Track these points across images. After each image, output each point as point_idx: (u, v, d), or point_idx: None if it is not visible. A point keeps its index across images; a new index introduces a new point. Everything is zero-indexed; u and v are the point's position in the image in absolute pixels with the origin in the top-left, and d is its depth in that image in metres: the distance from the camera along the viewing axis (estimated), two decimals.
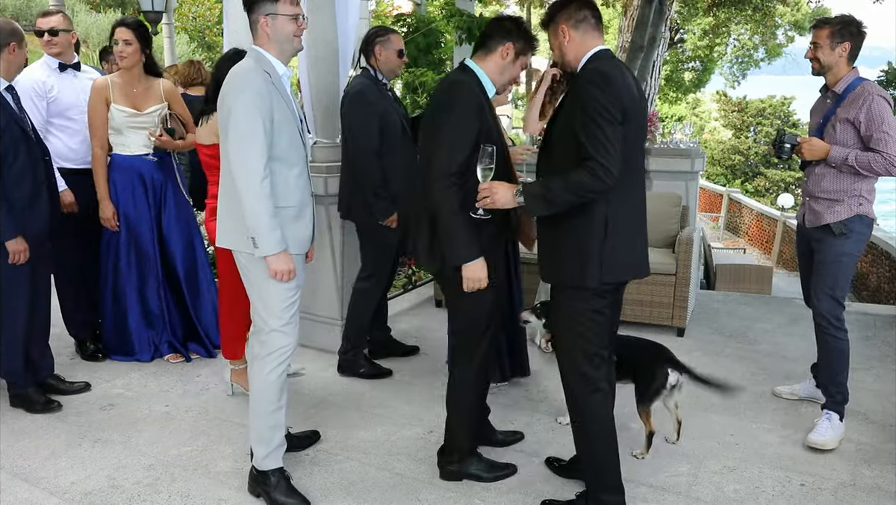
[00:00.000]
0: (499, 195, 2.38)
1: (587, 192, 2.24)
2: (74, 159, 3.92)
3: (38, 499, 2.73)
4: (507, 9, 17.76)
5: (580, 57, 2.40)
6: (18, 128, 3.23)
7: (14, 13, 14.42)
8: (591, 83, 2.26)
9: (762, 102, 25.50)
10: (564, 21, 2.41)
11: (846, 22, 3.10)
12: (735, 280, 9.81)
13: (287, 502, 2.64)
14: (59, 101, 3.84)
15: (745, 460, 3.01)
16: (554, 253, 2.44)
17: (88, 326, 4.16)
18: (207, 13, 16.29)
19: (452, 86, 2.58)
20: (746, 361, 4.17)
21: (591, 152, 2.20)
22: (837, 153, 3.07)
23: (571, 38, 2.40)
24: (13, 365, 3.41)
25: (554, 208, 2.32)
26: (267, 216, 2.46)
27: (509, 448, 3.08)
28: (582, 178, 2.22)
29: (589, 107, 2.22)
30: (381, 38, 3.65)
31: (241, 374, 3.55)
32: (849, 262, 3.15)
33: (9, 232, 3.19)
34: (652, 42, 11.60)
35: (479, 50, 2.61)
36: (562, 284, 2.46)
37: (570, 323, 2.44)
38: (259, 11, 2.55)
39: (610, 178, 2.20)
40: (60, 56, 3.87)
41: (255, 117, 2.43)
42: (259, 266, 2.56)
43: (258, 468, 2.70)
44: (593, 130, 2.21)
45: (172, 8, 10.20)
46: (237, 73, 2.53)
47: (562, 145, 2.36)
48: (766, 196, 23.16)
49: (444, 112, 2.51)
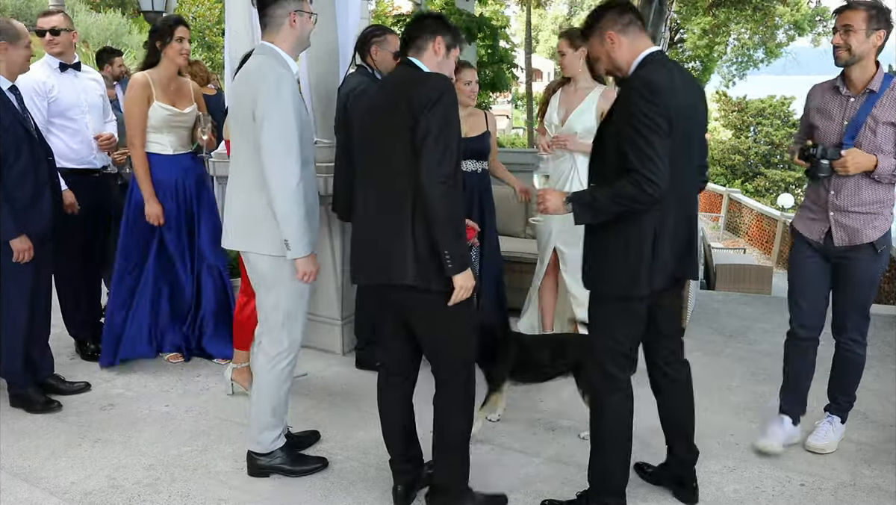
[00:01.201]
0: (550, 202, 2.43)
1: (633, 203, 2.24)
2: (75, 159, 3.90)
3: (38, 499, 2.73)
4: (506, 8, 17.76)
5: (631, 61, 2.38)
6: (21, 128, 3.23)
7: (14, 13, 14.41)
8: (638, 94, 2.24)
9: (762, 102, 25.50)
10: (611, 27, 2.38)
11: (883, 8, 2.67)
12: (735, 280, 9.82)
13: (307, 466, 2.84)
14: (59, 101, 3.83)
15: (745, 460, 3.01)
16: (600, 262, 2.43)
17: (89, 326, 4.15)
18: (207, 13, 16.29)
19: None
20: (746, 361, 4.17)
21: (635, 164, 2.20)
22: (886, 164, 2.69)
23: (620, 43, 2.38)
24: (13, 365, 3.41)
25: (600, 217, 2.33)
26: (302, 218, 2.51)
27: (509, 448, 3.09)
28: (627, 189, 2.22)
29: (635, 118, 2.21)
30: (377, 39, 3.64)
31: (243, 372, 3.56)
32: (879, 277, 2.92)
33: (11, 231, 3.19)
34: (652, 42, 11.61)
35: (410, 50, 2.46)
36: (604, 294, 2.44)
37: (603, 323, 2.46)
38: (287, 7, 2.55)
39: (656, 191, 2.19)
40: (62, 56, 3.86)
41: (291, 120, 2.46)
42: (283, 268, 2.60)
43: (262, 452, 2.82)
44: (639, 142, 2.20)
45: (172, 8, 10.17)
46: (267, 72, 2.51)
47: (612, 153, 2.35)
48: (766, 196, 23.17)
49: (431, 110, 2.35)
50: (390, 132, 2.32)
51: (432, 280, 2.31)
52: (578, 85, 3.77)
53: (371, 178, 2.43)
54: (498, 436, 3.21)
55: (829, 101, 2.85)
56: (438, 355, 2.48)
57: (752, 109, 25.44)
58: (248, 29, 4.24)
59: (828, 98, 2.86)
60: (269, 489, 2.80)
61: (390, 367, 2.60)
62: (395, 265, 2.32)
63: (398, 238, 2.31)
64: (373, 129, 2.42)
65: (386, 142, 2.35)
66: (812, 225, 2.92)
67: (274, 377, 2.75)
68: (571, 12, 28.34)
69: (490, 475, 2.85)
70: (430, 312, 2.39)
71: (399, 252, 2.31)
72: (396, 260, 2.32)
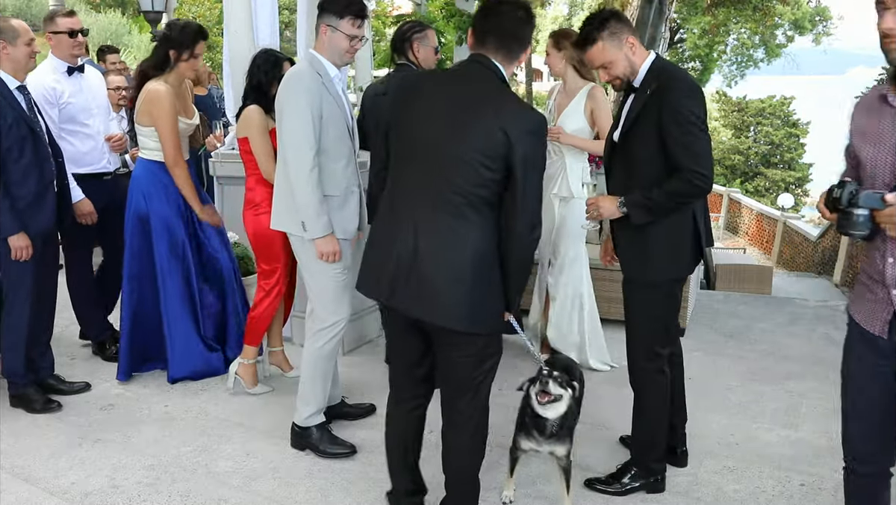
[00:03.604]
0: (604, 208, 2.54)
1: (687, 199, 2.42)
2: (87, 164, 3.86)
3: (38, 499, 2.73)
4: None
5: (641, 65, 2.50)
6: (26, 127, 3.23)
7: (14, 13, 14.42)
8: (683, 94, 2.38)
9: (762, 102, 25.56)
10: (629, 32, 2.49)
11: None
12: (735, 280, 9.81)
13: (335, 450, 2.99)
14: (70, 106, 3.78)
15: (745, 460, 3.01)
16: (644, 252, 2.55)
17: (107, 329, 4.13)
18: (207, 13, 16.32)
19: None
20: (746, 361, 4.17)
21: (685, 162, 2.35)
22: None
23: (636, 45, 2.50)
24: (15, 364, 3.41)
25: (656, 216, 2.46)
26: (315, 202, 2.75)
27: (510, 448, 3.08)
28: (681, 187, 2.38)
29: (683, 118, 2.34)
30: (418, 35, 3.59)
31: (249, 369, 3.55)
32: None
33: (10, 228, 3.19)
34: (652, 42, 11.61)
35: (488, 45, 2.17)
36: (653, 281, 2.57)
37: (650, 308, 2.60)
38: (323, 19, 2.80)
39: (707, 184, 2.37)
40: (81, 56, 3.85)
41: (305, 113, 2.71)
42: (309, 249, 2.86)
43: (300, 425, 3.02)
44: (688, 141, 2.34)
45: (172, 8, 10.19)
46: (291, 74, 2.83)
47: (645, 152, 2.46)
48: (766, 196, 23.20)
49: None
50: (461, 139, 2.05)
51: (487, 324, 2.14)
52: (568, 85, 3.81)
53: (415, 186, 2.15)
54: (498, 436, 3.21)
55: (876, 117, 1.83)
56: (461, 393, 2.25)
57: (752, 109, 25.49)
58: (248, 29, 4.25)
59: (873, 114, 1.85)
60: (269, 489, 2.80)
61: (399, 390, 2.41)
62: (446, 305, 2.08)
63: (452, 272, 2.07)
64: (432, 129, 2.12)
65: (450, 150, 2.07)
66: (871, 310, 1.89)
67: (311, 353, 2.97)
68: (571, 12, 28.35)
69: (490, 475, 2.85)
70: (470, 353, 2.18)
71: (455, 293, 2.07)
72: (448, 300, 2.07)
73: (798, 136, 25.27)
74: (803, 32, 22.96)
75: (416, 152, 2.14)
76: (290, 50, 10.75)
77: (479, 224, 2.08)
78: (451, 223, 2.07)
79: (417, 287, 2.09)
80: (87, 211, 3.74)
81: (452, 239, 2.07)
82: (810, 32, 23.17)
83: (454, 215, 2.07)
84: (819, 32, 23.50)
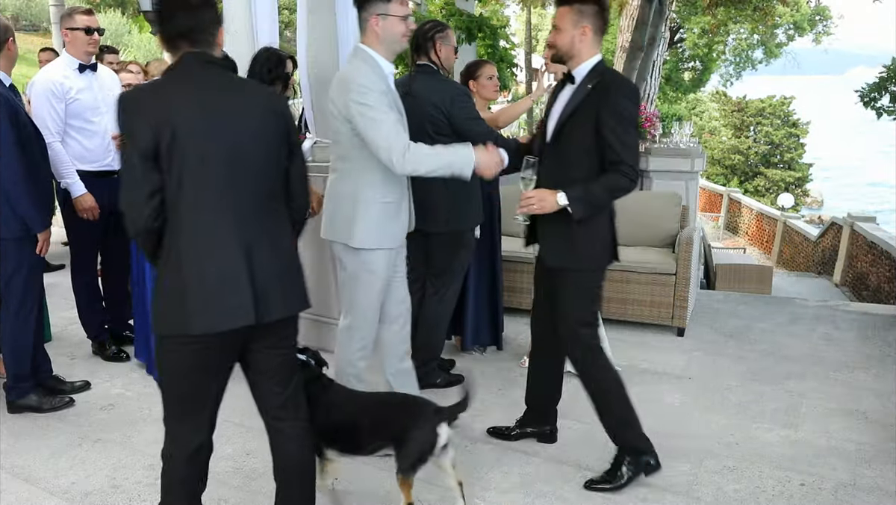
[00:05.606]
0: (546, 202, 2.57)
1: (623, 191, 2.54)
2: (92, 161, 3.87)
3: (38, 499, 2.73)
4: (506, 8, 17.75)
5: (583, 61, 2.59)
6: (31, 123, 3.27)
7: (14, 13, 14.41)
8: (626, 97, 2.53)
9: (762, 102, 25.52)
10: (590, 20, 2.54)
11: None
12: (735, 280, 9.80)
13: None
14: (78, 102, 3.78)
15: (745, 460, 3.01)
16: (569, 242, 2.65)
17: (106, 328, 4.13)
18: None
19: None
20: (746, 361, 4.17)
21: (622, 157, 2.49)
22: None
23: (588, 39, 2.56)
24: (23, 366, 3.38)
25: (595, 210, 2.58)
26: (437, 157, 2.57)
27: (509, 448, 3.09)
28: (619, 181, 2.52)
29: (624, 117, 2.50)
30: (440, 34, 3.39)
31: None
32: None
33: (39, 224, 3.24)
34: (652, 42, 11.59)
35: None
36: (574, 269, 2.68)
37: (580, 297, 2.70)
38: (370, 10, 2.64)
39: (637, 178, 2.54)
40: (94, 55, 3.85)
41: (386, 108, 2.58)
42: (353, 258, 2.77)
43: None
44: (625, 138, 2.50)
45: None
46: (355, 74, 2.62)
47: (579, 148, 2.58)
48: (766, 196, 23.19)
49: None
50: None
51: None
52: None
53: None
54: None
55: None
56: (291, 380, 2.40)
57: (752, 109, 25.45)
58: (248, 29, 4.25)
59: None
60: (269, 489, 2.79)
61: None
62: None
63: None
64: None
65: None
66: None
67: (350, 358, 2.92)
68: None
69: (490, 475, 2.85)
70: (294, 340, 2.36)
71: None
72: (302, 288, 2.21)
73: (798, 136, 25.26)
74: (803, 33, 22.96)
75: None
76: (290, 50, 10.74)
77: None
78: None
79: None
80: (89, 206, 3.75)
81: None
82: (810, 33, 23.17)
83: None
84: (819, 32, 23.48)
